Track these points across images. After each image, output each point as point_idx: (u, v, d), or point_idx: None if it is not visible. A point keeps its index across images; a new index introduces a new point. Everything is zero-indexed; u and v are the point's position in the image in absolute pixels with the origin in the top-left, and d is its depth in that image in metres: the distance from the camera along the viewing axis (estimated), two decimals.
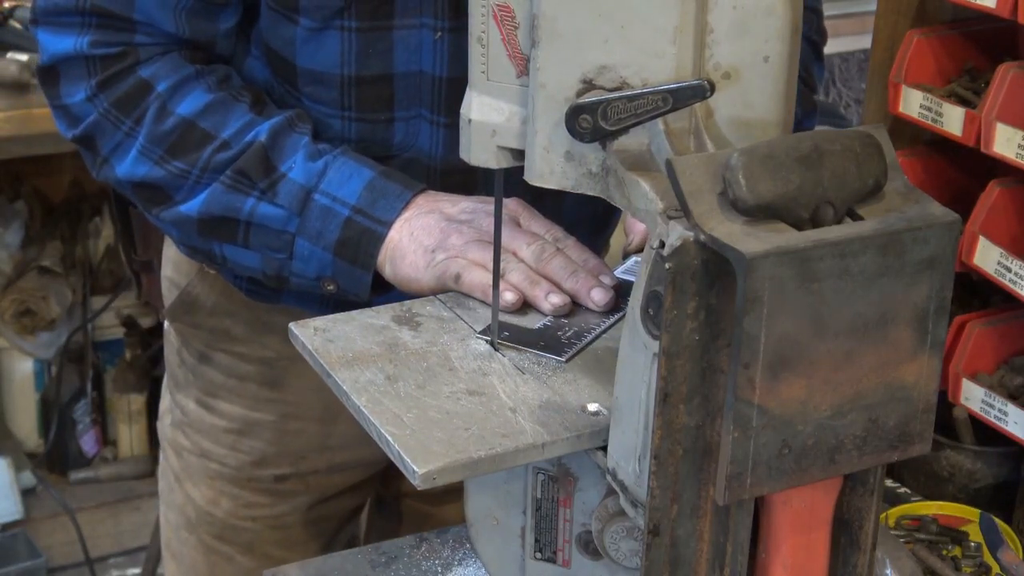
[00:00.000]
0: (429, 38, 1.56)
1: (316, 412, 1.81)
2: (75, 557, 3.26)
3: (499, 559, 1.47)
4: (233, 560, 1.88)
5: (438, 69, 1.58)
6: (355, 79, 1.57)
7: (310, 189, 1.54)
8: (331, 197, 1.53)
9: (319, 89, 1.59)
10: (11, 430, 3.52)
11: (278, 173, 1.54)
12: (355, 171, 1.54)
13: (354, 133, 1.61)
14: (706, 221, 1.07)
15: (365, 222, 1.52)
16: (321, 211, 1.53)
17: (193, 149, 1.56)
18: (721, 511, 1.16)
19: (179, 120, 1.56)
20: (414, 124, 1.61)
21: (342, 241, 1.53)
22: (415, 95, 1.59)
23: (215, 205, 1.56)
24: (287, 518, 1.86)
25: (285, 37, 1.58)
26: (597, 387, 1.36)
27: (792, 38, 1.20)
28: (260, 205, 1.55)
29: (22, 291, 3.44)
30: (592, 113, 1.20)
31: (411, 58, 1.57)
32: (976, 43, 2.03)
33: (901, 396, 1.13)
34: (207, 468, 1.86)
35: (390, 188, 1.53)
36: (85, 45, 1.57)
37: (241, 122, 1.57)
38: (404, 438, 1.27)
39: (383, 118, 1.60)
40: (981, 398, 1.88)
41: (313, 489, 1.86)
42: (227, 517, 1.86)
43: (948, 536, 1.80)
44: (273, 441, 1.83)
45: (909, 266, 1.10)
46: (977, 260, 1.86)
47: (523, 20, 1.24)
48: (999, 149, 1.81)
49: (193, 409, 1.86)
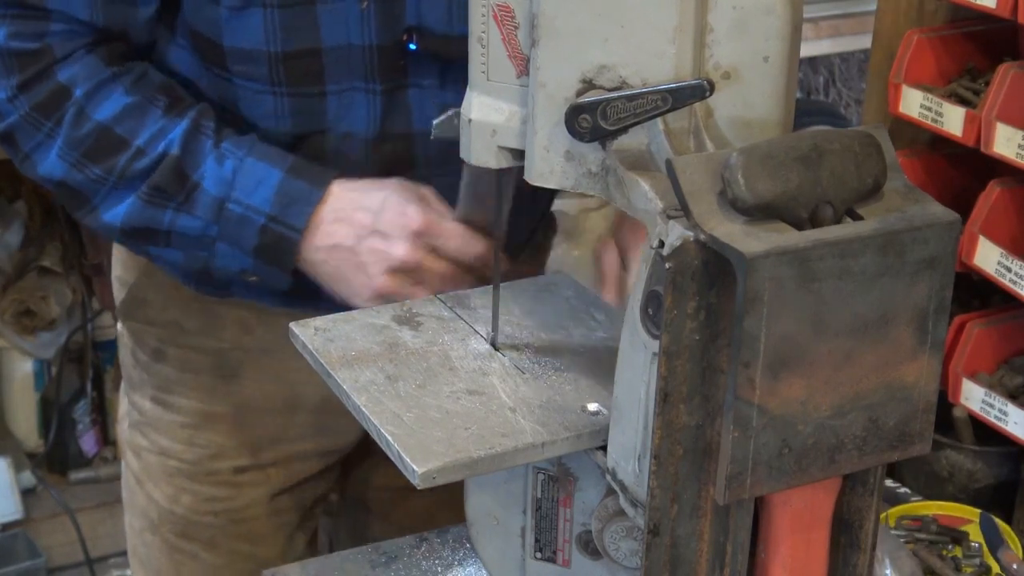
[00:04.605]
0: (355, 9, 1.58)
1: (273, 403, 1.81)
2: (75, 557, 3.26)
3: (499, 559, 1.47)
4: (197, 557, 1.88)
5: (367, 39, 1.60)
6: (282, 55, 1.59)
7: (223, 199, 1.59)
8: (244, 205, 1.59)
9: (249, 67, 1.61)
10: (11, 430, 3.52)
11: (191, 182, 1.60)
12: (264, 174, 1.59)
13: (287, 108, 1.63)
14: (706, 221, 1.07)
15: (279, 229, 1.58)
16: (237, 219, 1.59)
17: (110, 155, 1.61)
18: (721, 511, 1.16)
19: (95, 125, 1.60)
20: (347, 96, 1.62)
21: (259, 247, 1.59)
22: (345, 68, 1.61)
23: (136, 218, 1.62)
24: (248, 511, 1.86)
25: (210, 19, 1.60)
26: (597, 387, 1.35)
27: (792, 37, 1.20)
28: (179, 217, 1.61)
29: (22, 291, 3.43)
30: (592, 113, 1.20)
31: (338, 31, 1.59)
32: (976, 43, 2.03)
33: (901, 396, 1.13)
34: (166, 466, 1.86)
35: (298, 190, 1.58)
36: (3, 38, 1.61)
37: (155, 128, 1.61)
38: (404, 438, 1.27)
39: (315, 92, 1.62)
40: (981, 398, 1.88)
41: (273, 480, 1.86)
42: (188, 513, 1.86)
43: (948, 536, 1.80)
44: (230, 433, 1.83)
45: (909, 266, 1.10)
46: (977, 260, 1.86)
47: (523, 20, 1.24)
48: (999, 149, 1.81)
49: (149, 408, 1.87)
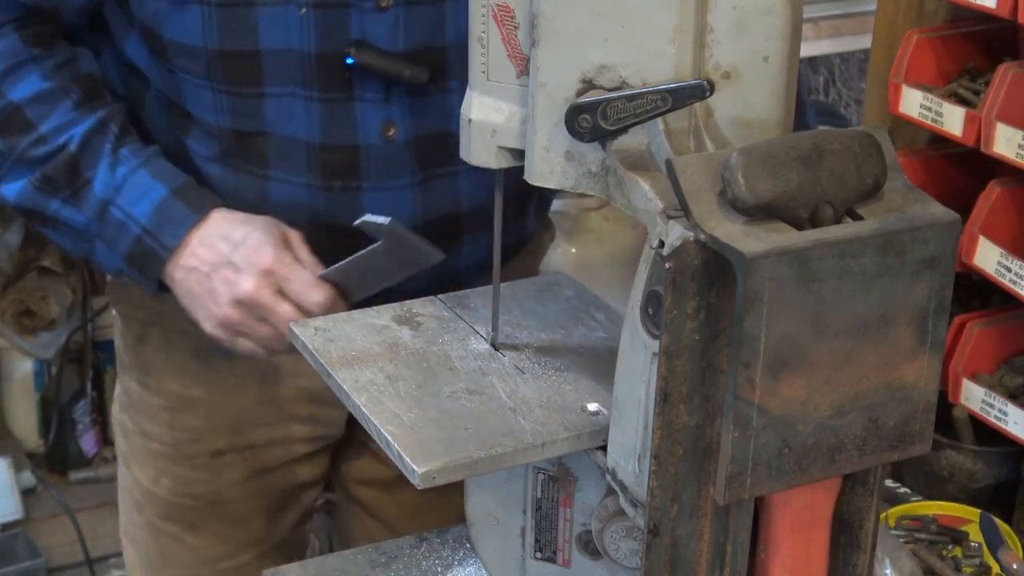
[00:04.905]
0: (295, 14, 1.59)
1: (249, 387, 1.83)
2: (75, 557, 3.25)
3: (499, 559, 1.47)
4: (179, 539, 1.90)
5: (307, 45, 1.60)
6: (219, 53, 1.61)
7: (108, 202, 1.64)
8: (125, 213, 1.64)
9: (187, 62, 1.63)
10: (11, 430, 3.52)
11: (83, 180, 1.65)
12: (150, 187, 1.64)
13: (226, 105, 1.64)
14: (706, 221, 1.07)
15: (151, 243, 1.64)
16: (116, 224, 1.65)
17: (14, 134, 1.66)
18: (721, 511, 1.16)
19: (7, 103, 1.66)
20: (286, 101, 1.63)
21: (131, 254, 1.65)
22: (285, 72, 1.62)
23: (26, 199, 1.68)
24: (226, 493, 1.88)
25: (150, 10, 1.62)
26: (597, 387, 1.35)
27: (792, 37, 1.20)
28: (64, 208, 1.66)
29: (22, 291, 3.43)
30: (592, 113, 1.20)
31: (277, 35, 1.60)
32: (976, 43, 2.03)
33: (901, 396, 1.13)
34: (148, 448, 1.89)
35: (177, 211, 1.64)
36: None
37: (62, 120, 1.65)
38: (404, 437, 1.27)
39: (253, 92, 1.63)
40: (981, 398, 1.88)
41: (250, 463, 1.88)
42: (169, 496, 1.88)
43: (948, 536, 1.80)
44: (208, 417, 1.85)
45: (909, 266, 1.10)
46: (977, 260, 1.86)
47: (523, 20, 1.24)
48: (999, 149, 1.81)
49: (135, 390, 1.89)
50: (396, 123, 1.63)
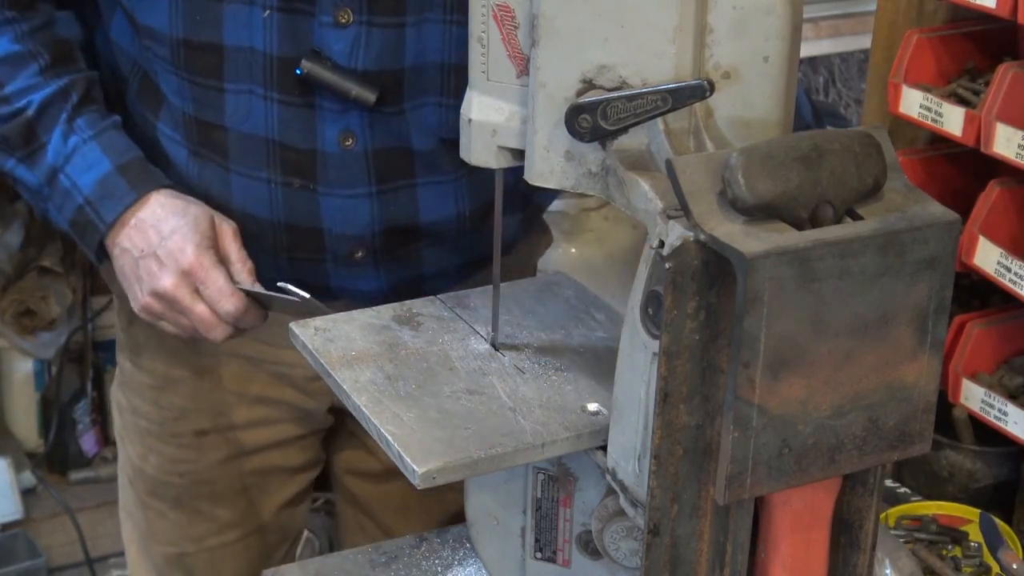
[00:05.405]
0: (259, 15, 1.60)
1: (232, 369, 1.84)
2: (75, 557, 3.25)
3: (499, 559, 1.47)
4: (165, 515, 1.92)
5: (269, 47, 1.61)
6: (183, 42, 1.62)
7: (57, 169, 1.67)
8: (72, 181, 1.67)
9: (156, 45, 1.65)
10: (11, 430, 3.51)
11: (39, 143, 1.68)
12: (96, 161, 1.66)
13: (188, 93, 1.66)
14: (706, 221, 1.07)
15: (91, 215, 1.66)
16: (63, 191, 1.67)
17: None
18: (721, 511, 1.16)
19: None
20: (244, 99, 1.64)
21: (73, 221, 1.68)
22: (246, 70, 1.63)
23: None
24: (210, 472, 1.89)
25: None
26: (597, 387, 1.36)
27: (792, 37, 1.20)
28: (19, 167, 1.70)
29: (22, 291, 3.43)
30: (592, 113, 1.20)
31: (241, 33, 1.61)
32: (976, 43, 2.03)
33: (901, 396, 1.13)
34: (137, 425, 1.91)
35: (118, 187, 1.65)
36: None
37: (26, 83, 1.68)
38: (404, 437, 1.27)
39: (213, 86, 1.64)
40: (981, 398, 1.88)
41: (232, 444, 1.89)
42: (156, 473, 1.90)
43: (948, 536, 1.80)
44: (191, 397, 1.87)
45: (909, 266, 1.10)
46: (977, 260, 1.86)
47: (523, 20, 1.24)
48: (999, 149, 1.81)
49: (128, 368, 1.92)
50: (355, 134, 1.63)
